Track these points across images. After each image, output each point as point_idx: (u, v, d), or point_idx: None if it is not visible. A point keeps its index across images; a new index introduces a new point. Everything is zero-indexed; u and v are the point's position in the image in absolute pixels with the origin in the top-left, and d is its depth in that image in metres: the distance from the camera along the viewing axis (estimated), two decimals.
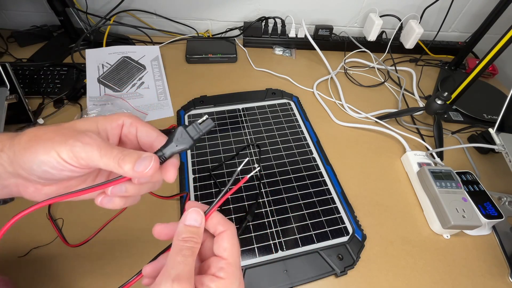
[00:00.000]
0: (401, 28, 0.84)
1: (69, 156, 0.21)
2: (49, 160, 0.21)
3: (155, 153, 0.23)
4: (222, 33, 0.88)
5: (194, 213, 0.23)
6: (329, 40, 0.85)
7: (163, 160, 0.23)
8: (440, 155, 0.61)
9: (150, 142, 0.25)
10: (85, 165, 0.22)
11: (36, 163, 0.21)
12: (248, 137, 0.60)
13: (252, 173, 0.26)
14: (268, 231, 0.47)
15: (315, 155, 0.58)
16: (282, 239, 0.46)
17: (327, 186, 0.53)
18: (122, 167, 0.21)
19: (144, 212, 0.48)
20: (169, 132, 0.26)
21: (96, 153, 0.21)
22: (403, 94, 0.75)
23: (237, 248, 0.23)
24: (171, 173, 0.24)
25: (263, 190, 0.52)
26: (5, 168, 0.22)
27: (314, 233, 0.47)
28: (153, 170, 0.22)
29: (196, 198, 0.50)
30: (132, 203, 0.25)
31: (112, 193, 0.23)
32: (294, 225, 0.48)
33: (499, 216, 0.48)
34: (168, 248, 0.23)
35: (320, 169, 0.56)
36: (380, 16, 0.82)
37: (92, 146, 0.21)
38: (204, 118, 0.25)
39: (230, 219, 0.47)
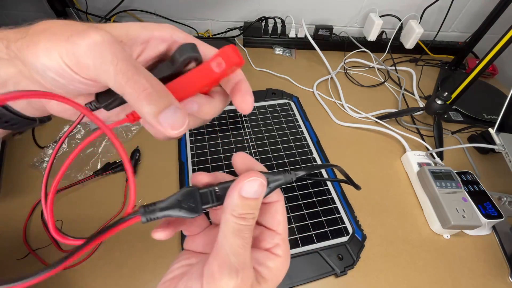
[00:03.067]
0: (401, 28, 0.84)
1: (71, 60, 0.15)
2: (51, 64, 0.15)
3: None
4: (222, 33, 0.88)
5: (255, 183, 0.17)
6: (329, 40, 0.85)
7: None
8: (440, 155, 0.61)
9: None
10: (92, 78, 0.16)
11: (40, 67, 0.16)
12: (248, 137, 0.60)
13: None
14: None
15: (315, 155, 0.58)
16: None
17: (327, 186, 0.53)
18: (141, 105, 0.15)
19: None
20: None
21: (110, 66, 0.14)
22: (403, 94, 0.75)
23: (286, 222, 0.20)
24: (247, 102, 0.19)
25: None
26: (21, 72, 0.17)
27: (314, 233, 0.47)
28: (183, 130, 0.16)
29: None
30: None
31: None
32: (294, 225, 0.48)
33: (499, 216, 0.48)
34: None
35: (320, 169, 0.56)
36: (380, 16, 0.82)
37: (104, 52, 0.14)
38: None
39: None
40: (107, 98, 0.18)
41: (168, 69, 0.17)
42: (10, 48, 0.16)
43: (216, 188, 0.18)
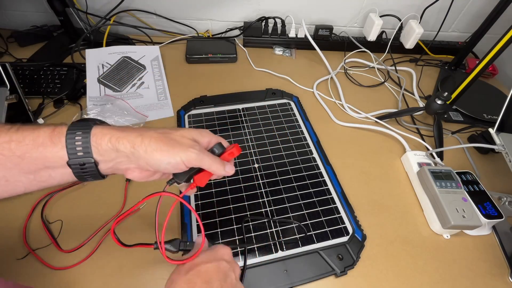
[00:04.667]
0: (401, 28, 0.84)
1: (187, 160, 0.29)
2: (174, 162, 0.29)
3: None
4: (222, 33, 0.88)
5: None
6: (329, 40, 0.85)
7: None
8: (440, 155, 0.61)
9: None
10: (195, 166, 0.30)
11: (164, 163, 0.29)
12: (248, 137, 0.60)
13: None
14: (268, 231, 0.47)
15: (315, 155, 0.58)
16: (282, 239, 0.46)
17: (327, 186, 0.53)
18: (219, 170, 0.32)
19: (143, 212, 0.48)
20: None
21: (208, 161, 0.31)
22: (403, 94, 0.75)
23: None
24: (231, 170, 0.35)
25: (263, 190, 0.52)
26: (130, 160, 0.29)
27: (314, 233, 0.47)
28: (233, 172, 0.34)
29: (196, 198, 0.50)
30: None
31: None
32: (294, 225, 0.48)
33: (499, 216, 0.48)
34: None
35: (320, 169, 0.56)
36: (380, 16, 0.82)
37: (204, 155, 0.31)
38: None
39: (230, 219, 0.47)
40: (181, 176, 0.32)
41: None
42: (136, 148, 0.28)
43: None
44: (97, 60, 0.70)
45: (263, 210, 0.49)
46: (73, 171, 0.28)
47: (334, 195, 0.52)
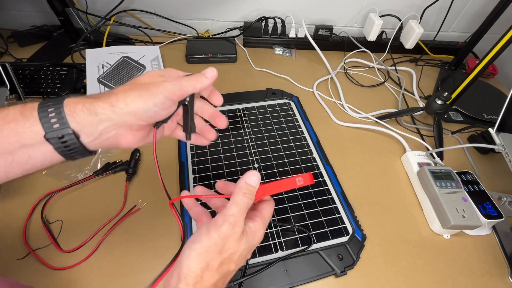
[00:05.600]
0: (401, 28, 0.84)
1: (169, 93, 0.28)
2: (159, 102, 0.28)
3: None
4: (222, 33, 0.88)
5: (254, 176, 0.30)
6: (329, 40, 0.85)
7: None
8: (440, 155, 0.61)
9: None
10: (180, 96, 0.29)
11: (151, 107, 0.27)
12: (248, 137, 0.60)
13: None
14: (268, 231, 0.47)
15: (315, 155, 0.58)
16: (282, 239, 0.46)
17: (327, 186, 0.53)
18: (201, 80, 0.31)
19: (144, 212, 0.48)
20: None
21: (187, 83, 0.30)
22: (403, 94, 0.75)
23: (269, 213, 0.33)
24: (218, 97, 0.34)
25: None
26: (115, 122, 0.27)
27: (314, 233, 0.47)
28: (216, 73, 0.32)
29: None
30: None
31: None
32: (294, 225, 0.48)
33: (499, 216, 0.48)
34: None
35: (320, 169, 0.56)
36: (380, 16, 0.82)
37: (180, 80, 0.29)
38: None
39: None
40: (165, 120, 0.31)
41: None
42: (115, 105, 0.26)
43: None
44: (97, 60, 0.70)
45: None
46: (54, 147, 0.26)
47: (334, 195, 0.52)
